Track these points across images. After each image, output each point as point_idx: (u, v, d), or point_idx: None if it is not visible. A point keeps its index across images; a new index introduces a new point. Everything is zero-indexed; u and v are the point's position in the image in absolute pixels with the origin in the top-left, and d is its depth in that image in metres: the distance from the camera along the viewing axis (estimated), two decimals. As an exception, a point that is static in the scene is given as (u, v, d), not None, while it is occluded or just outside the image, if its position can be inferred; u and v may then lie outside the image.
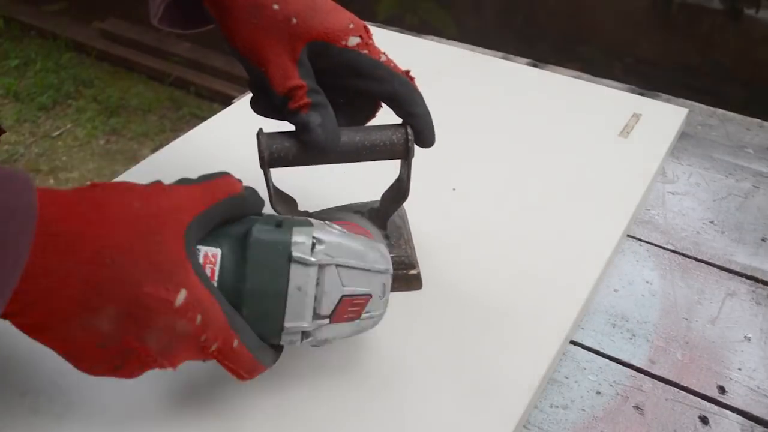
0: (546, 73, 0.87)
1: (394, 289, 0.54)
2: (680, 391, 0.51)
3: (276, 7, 0.48)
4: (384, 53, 0.50)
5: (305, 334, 0.42)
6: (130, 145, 2.31)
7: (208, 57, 2.56)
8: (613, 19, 2.14)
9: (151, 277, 0.37)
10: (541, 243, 0.60)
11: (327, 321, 0.42)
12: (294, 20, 0.47)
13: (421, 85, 0.51)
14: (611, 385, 0.51)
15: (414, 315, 0.54)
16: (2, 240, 0.32)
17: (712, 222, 0.67)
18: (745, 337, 0.55)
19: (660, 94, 0.84)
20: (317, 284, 0.41)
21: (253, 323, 0.41)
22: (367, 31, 0.49)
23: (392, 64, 0.50)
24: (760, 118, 0.83)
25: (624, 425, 0.48)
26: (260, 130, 0.50)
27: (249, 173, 0.52)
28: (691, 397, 0.50)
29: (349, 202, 0.58)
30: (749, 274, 0.61)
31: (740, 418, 0.49)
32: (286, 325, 0.41)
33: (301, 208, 0.57)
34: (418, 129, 0.50)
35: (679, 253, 0.63)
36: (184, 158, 0.70)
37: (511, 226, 0.62)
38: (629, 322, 0.56)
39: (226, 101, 0.84)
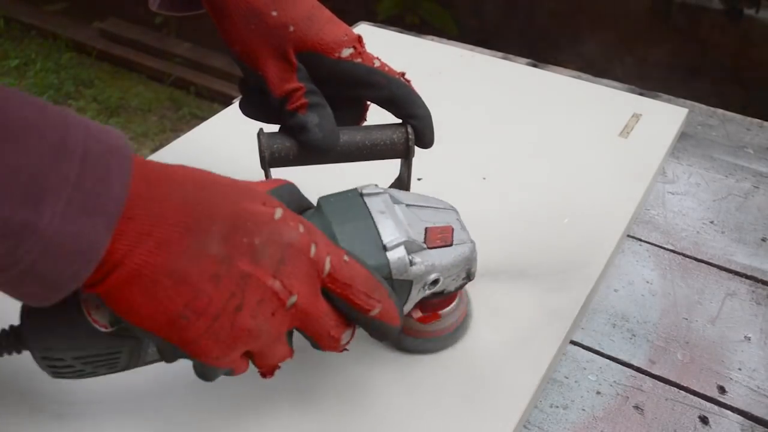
0: (546, 73, 0.87)
1: None
2: (680, 391, 0.51)
3: (275, 14, 0.48)
4: (377, 58, 0.50)
5: (412, 261, 0.42)
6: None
7: (208, 57, 2.56)
8: (613, 19, 2.14)
9: (248, 196, 0.37)
10: (541, 243, 0.60)
11: (424, 246, 0.43)
12: (291, 28, 0.48)
13: (420, 85, 0.51)
14: (611, 385, 0.51)
15: (414, 315, 0.54)
16: (105, 173, 0.31)
17: (712, 222, 0.67)
18: (745, 337, 0.55)
19: (660, 94, 0.84)
20: (398, 217, 0.43)
21: (357, 253, 0.40)
22: (360, 42, 0.50)
23: (386, 68, 0.50)
24: (760, 118, 0.83)
25: (624, 425, 0.48)
26: (261, 129, 0.50)
27: (249, 173, 0.52)
28: (691, 397, 0.50)
29: None
30: (749, 274, 0.61)
31: (740, 418, 0.49)
32: (385, 240, 0.41)
33: None
34: (419, 130, 0.50)
35: (679, 253, 0.63)
36: (184, 158, 0.69)
37: (511, 225, 0.62)
38: (629, 322, 0.56)
39: (226, 101, 0.84)
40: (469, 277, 0.46)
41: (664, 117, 0.77)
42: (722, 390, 0.51)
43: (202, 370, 0.39)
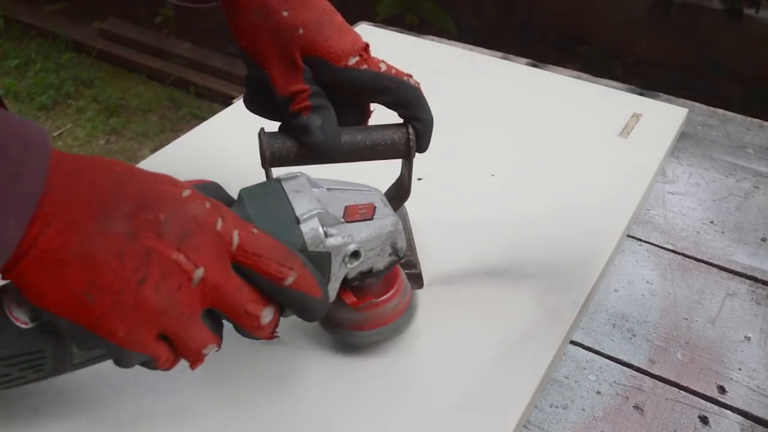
0: (546, 73, 0.87)
1: None
2: (680, 391, 0.51)
3: (285, 14, 0.48)
4: (383, 61, 0.50)
5: (327, 233, 0.42)
6: (130, 145, 2.31)
7: (208, 57, 2.56)
8: (613, 19, 2.14)
9: (157, 179, 0.38)
10: (541, 243, 0.60)
11: (342, 219, 0.43)
12: (301, 31, 0.48)
13: (421, 84, 0.51)
14: (611, 385, 0.51)
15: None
16: (20, 169, 0.33)
17: (712, 222, 0.67)
18: (745, 337, 0.55)
19: (660, 94, 0.84)
20: (316, 197, 0.43)
21: (270, 229, 0.40)
22: (367, 49, 0.50)
23: (393, 71, 0.50)
24: (760, 118, 0.83)
25: (624, 425, 0.48)
26: (262, 129, 0.50)
27: (250, 173, 0.52)
28: (691, 397, 0.51)
29: None
30: (749, 274, 0.61)
31: (740, 418, 0.49)
32: (298, 213, 0.41)
33: None
34: (419, 132, 0.50)
35: (679, 253, 0.63)
36: (184, 158, 0.70)
37: (511, 225, 0.62)
38: (629, 322, 0.56)
39: (226, 101, 0.84)
40: (397, 252, 0.46)
41: (664, 117, 0.77)
42: (722, 390, 0.51)
43: (116, 355, 0.38)
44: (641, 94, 0.83)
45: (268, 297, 0.40)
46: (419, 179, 0.66)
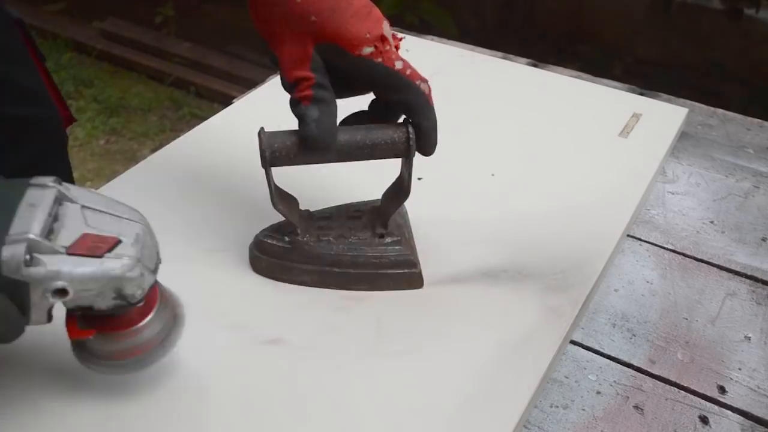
0: (546, 73, 0.87)
1: (395, 288, 0.55)
2: (680, 390, 0.51)
3: (299, 0, 0.48)
4: (402, 59, 0.49)
5: (33, 259, 0.38)
6: (130, 145, 2.31)
7: (208, 57, 2.56)
8: (613, 19, 2.14)
9: None
10: (541, 242, 0.60)
11: (63, 251, 0.39)
12: (313, 18, 0.48)
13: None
14: (611, 385, 0.51)
15: (414, 314, 0.54)
16: None
17: (712, 222, 0.67)
18: (745, 337, 0.55)
19: (660, 94, 0.84)
20: (56, 219, 0.39)
21: None
22: (384, 40, 0.49)
23: (409, 72, 0.49)
24: (760, 118, 0.83)
25: (624, 425, 0.48)
26: (261, 129, 0.50)
27: (250, 173, 0.52)
28: (691, 396, 0.51)
29: (350, 201, 0.59)
30: (749, 274, 0.61)
31: (740, 418, 0.49)
32: (9, 234, 0.37)
33: (302, 207, 0.57)
34: (419, 136, 0.50)
35: (679, 253, 0.63)
36: (184, 158, 0.70)
37: (511, 225, 0.62)
38: (629, 322, 0.56)
39: (226, 101, 0.84)
40: (125, 298, 0.41)
41: (664, 117, 0.77)
42: (722, 390, 0.51)
43: None
44: (641, 94, 0.83)
45: None
46: (419, 179, 0.66)
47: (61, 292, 0.39)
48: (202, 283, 0.55)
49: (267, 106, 0.53)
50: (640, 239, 0.64)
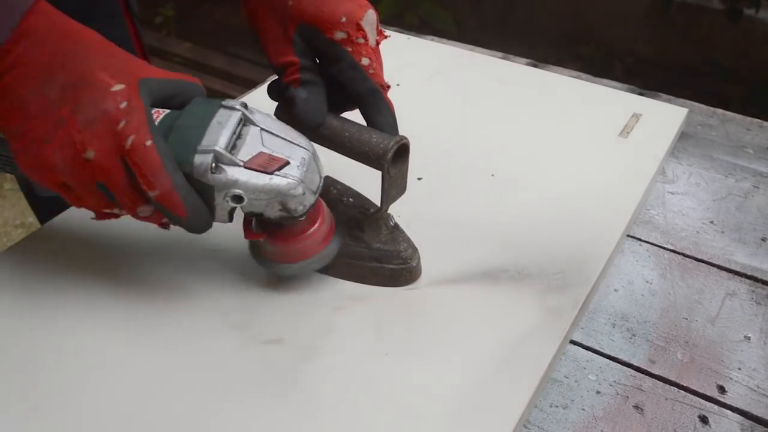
0: (546, 73, 0.87)
1: (395, 284, 0.55)
2: (680, 390, 0.51)
3: None
4: (372, 57, 0.50)
5: (217, 167, 0.45)
6: None
7: (208, 57, 2.56)
8: (613, 19, 2.14)
9: (104, 66, 0.44)
10: (541, 242, 0.60)
11: (241, 164, 0.45)
12: (290, 2, 0.49)
13: (420, 85, 0.51)
14: (611, 385, 0.51)
15: (414, 314, 0.54)
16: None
17: (712, 222, 0.67)
18: (745, 336, 0.55)
19: (660, 94, 0.84)
20: (239, 136, 0.46)
21: (175, 146, 0.45)
22: (358, 29, 0.50)
23: (372, 71, 0.50)
24: (760, 118, 0.83)
25: (624, 425, 0.48)
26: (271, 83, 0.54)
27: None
28: (691, 396, 0.51)
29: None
30: (749, 273, 0.61)
31: (740, 418, 0.49)
32: (200, 145, 0.45)
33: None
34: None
35: (679, 253, 0.63)
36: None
37: (511, 225, 0.62)
38: (629, 321, 0.56)
39: (226, 101, 0.84)
40: (288, 211, 0.48)
41: (664, 117, 0.77)
42: (722, 390, 0.51)
43: (26, 179, 0.47)
44: (641, 94, 0.83)
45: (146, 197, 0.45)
46: (419, 179, 0.66)
47: (238, 198, 0.46)
48: (202, 283, 0.55)
49: (267, 106, 0.53)
50: (640, 239, 0.64)
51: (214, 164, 0.45)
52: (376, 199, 0.54)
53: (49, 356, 0.50)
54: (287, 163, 0.46)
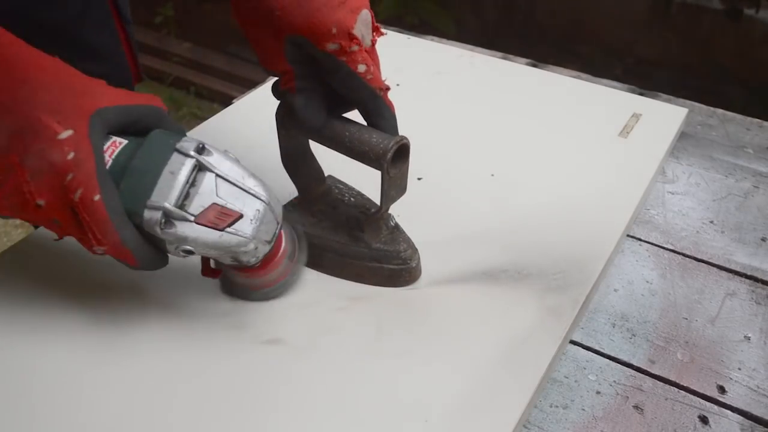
0: (546, 73, 0.87)
1: (394, 285, 0.55)
2: (680, 390, 0.51)
3: None
4: (368, 63, 0.49)
5: (167, 222, 0.44)
6: None
7: (208, 57, 2.56)
8: (613, 19, 2.14)
9: (51, 108, 0.42)
10: (541, 242, 0.60)
11: (192, 219, 0.45)
12: (277, 12, 0.48)
13: (420, 85, 0.51)
14: (611, 385, 0.51)
15: (414, 314, 0.54)
16: None
17: (711, 222, 0.67)
18: (745, 336, 0.55)
19: (660, 94, 0.84)
20: (193, 184, 0.45)
21: (125, 197, 0.44)
22: (351, 38, 0.48)
23: (370, 77, 0.49)
24: (760, 118, 0.83)
25: (624, 425, 0.48)
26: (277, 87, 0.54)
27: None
28: (691, 396, 0.51)
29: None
30: (749, 273, 0.61)
31: (740, 418, 0.49)
32: (150, 200, 0.44)
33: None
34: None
35: (678, 253, 0.63)
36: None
37: (511, 225, 0.62)
38: (629, 321, 0.56)
39: (226, 101, 0.84)
40: (240, 262, 0.48)
41: (664, 117, 0.77)
42: (722, 390, 0.51)
43: None
44: (641, 94, 0.83)
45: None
46: (419, 179, 0.66)
47: (189, 251, 0.46)
48: (202, 283, 0.55)
49: (267, 106, 0.54)
50: (639, 239, 0.64)
51: (163, 220, 0.44)
52: (377, 199, 0.54)
53: (49, 355, 0.50)
54: (240, 216, 0.45)
